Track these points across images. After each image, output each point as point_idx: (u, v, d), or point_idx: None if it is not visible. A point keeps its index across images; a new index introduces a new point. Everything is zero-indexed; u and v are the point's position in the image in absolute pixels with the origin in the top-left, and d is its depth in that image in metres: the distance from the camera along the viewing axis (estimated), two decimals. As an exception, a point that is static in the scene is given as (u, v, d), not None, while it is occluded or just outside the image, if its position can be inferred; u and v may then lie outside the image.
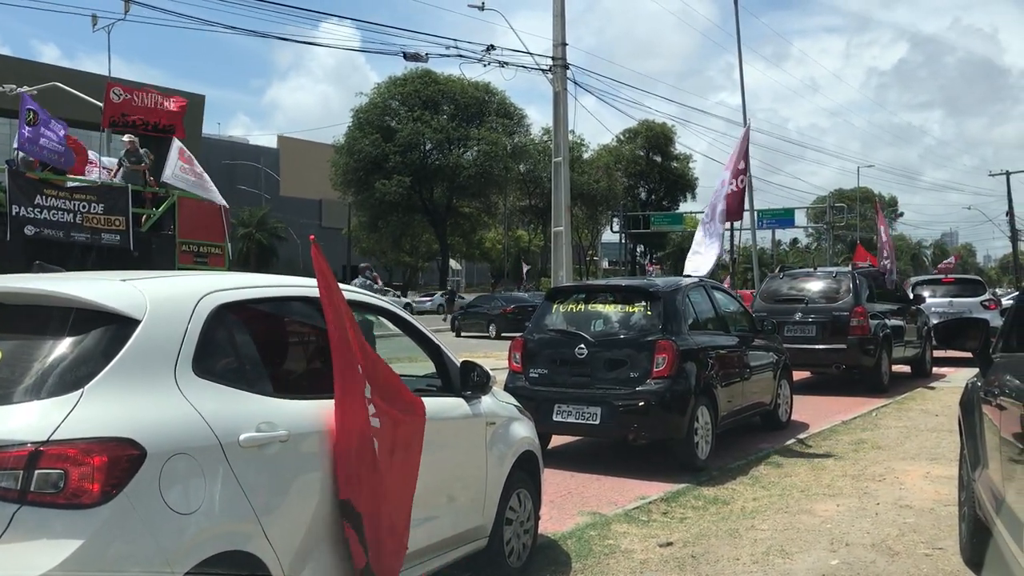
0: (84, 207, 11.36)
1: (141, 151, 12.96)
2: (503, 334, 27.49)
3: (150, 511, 2.68)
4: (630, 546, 5.47)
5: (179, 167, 12.78)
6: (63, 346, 2.84)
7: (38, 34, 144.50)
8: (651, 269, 52.77)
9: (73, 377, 2.75)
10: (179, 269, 11.51)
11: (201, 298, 3.21)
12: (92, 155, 13.86)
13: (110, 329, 2.91)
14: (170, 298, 3.16)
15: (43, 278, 3.35)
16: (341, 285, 3.72)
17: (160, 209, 12.84)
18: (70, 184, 11.78)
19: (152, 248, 12.40)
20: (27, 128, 11.04)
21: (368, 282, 15.10)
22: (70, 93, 16.19)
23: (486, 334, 29.38)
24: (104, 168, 13.51)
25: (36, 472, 2.52)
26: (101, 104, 13.50)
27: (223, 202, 13.80)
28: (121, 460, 2.64)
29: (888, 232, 15.99)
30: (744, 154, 11.73)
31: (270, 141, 77.51)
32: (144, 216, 12.63)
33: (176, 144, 12.99)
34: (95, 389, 2.73)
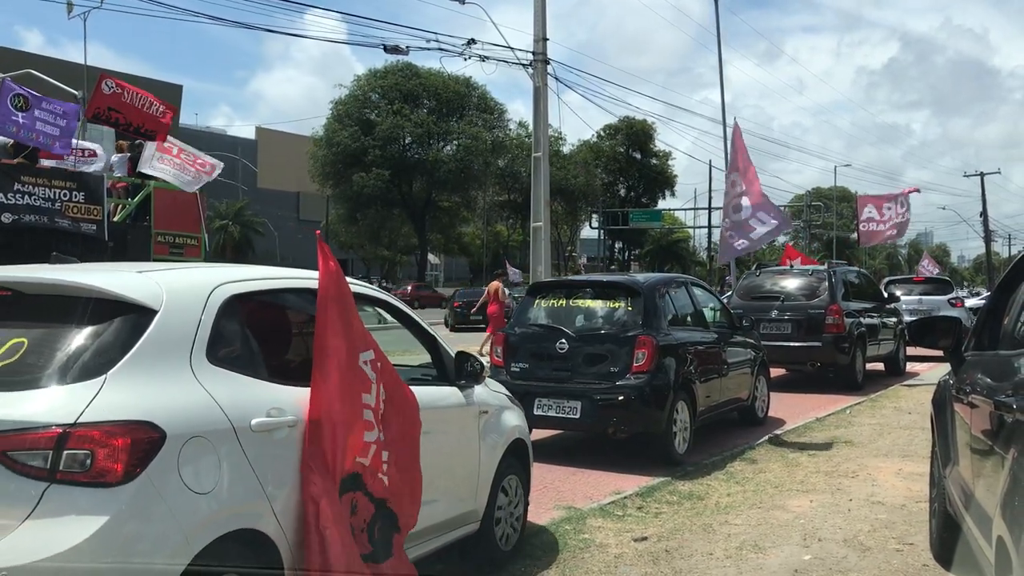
0: (64, 195, 11.18)
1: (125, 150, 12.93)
2: (456, 327, 29.99)
3: (170, 490, 2.83)
4: (605, 540, 5.52)
5: (157, 158, 12.66)
6: (85, 335, 2.98)
7: (20, 21, 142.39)
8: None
9: (96, 364, 2.89)
10: (155, 260, 11.40)
11: (214, 289, 3.35)
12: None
13: (130, 319, 3.05)
14: (185, 289, 3.31)
15: (62, 269, 3.47)
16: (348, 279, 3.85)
17: (135, 200, 12.71)
18: (46, 164, 11.58)
19: (127, 239, 12.26)
20: (21, 115, 10.83)
21: None
22: (45, 81, 15.97)
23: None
24: (81, 151, 13.25)
25: (64, 452, 2.67)
26: (75, 92, 13.31)
27: (214, 165, 13.38)
28: (142, 442, 2.79)
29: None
30: (741, 151, 11.30)
31: (251, 133, 76.96)
32: (118, 206, 12.48)
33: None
34: (117, 375, 2.88)
